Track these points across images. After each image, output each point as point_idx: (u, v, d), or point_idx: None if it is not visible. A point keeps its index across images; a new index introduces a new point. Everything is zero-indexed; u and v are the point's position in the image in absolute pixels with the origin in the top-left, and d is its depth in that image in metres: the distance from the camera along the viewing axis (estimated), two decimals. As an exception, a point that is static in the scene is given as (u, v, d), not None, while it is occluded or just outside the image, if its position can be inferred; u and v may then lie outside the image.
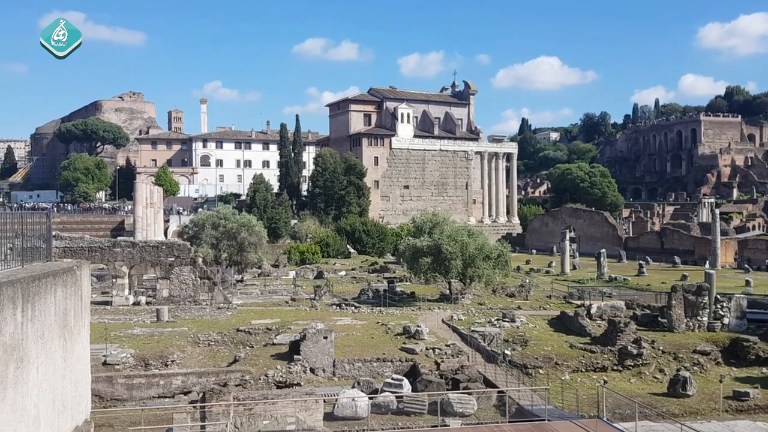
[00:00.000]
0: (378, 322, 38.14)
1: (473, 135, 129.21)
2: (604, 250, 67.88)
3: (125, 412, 24.17)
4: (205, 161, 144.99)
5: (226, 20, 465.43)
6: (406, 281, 58.66)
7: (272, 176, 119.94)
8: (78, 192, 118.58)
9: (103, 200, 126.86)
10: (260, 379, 28.11)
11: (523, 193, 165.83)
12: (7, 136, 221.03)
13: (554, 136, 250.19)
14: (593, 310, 40.53)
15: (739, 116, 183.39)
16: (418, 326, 35.23)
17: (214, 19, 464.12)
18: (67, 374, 12.84)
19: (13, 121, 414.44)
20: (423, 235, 50.23)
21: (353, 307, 44.36)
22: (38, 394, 10.98)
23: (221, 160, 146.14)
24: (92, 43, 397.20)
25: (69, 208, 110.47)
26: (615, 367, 31.70)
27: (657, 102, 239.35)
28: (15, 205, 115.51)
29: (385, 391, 26.17)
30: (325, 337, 30.19)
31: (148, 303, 44.83)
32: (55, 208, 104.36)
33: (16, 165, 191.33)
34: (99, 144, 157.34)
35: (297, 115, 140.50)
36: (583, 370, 31.55)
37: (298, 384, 27.75)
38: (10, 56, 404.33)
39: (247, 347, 32.96)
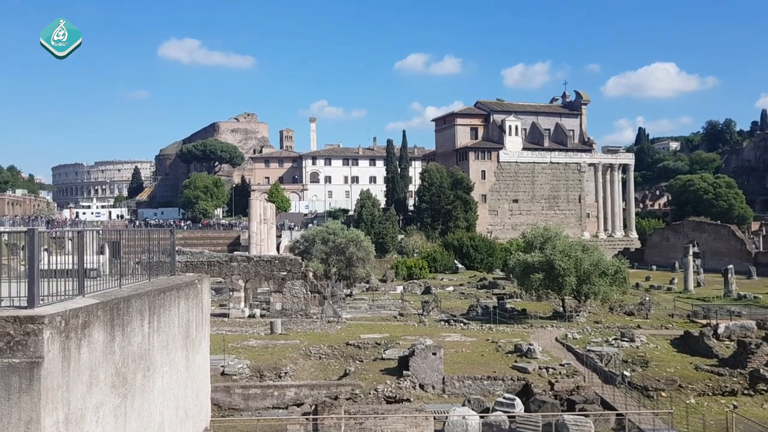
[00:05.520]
0: (488, 340, 37.40)
1: (586, 146, 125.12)
2: (731, 266, 63.40)
3: (242, 422, 24.95)
4: (314, 178, 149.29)
5: (329, 40, 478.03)
6: (517, 298, 57.28)
7: (379, 192, 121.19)
8: (198, 209, 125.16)
9: (221, 217, 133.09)
10: (370, 394, 28.21)
11: (641, 206, 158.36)
12: (134, 158, 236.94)
13: (674, 145, 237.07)
14: (720, 330, 37.89)
15: None
16: (530, 344, 34.22)
17: (317, 40, 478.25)
18: (189, 383, 13.34)
19: (139, 143, 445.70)
20: (534, 250, 48.90)
21: (462, 324, 43.80)
22: (163, 402, 11.45)
23: (330, 177, 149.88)
24: (209, 69, 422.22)
25: (190, 224, 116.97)
26: (746, 392, 29.33)
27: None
28: (141, 222, 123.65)
29: (497, 410, 25.48)
30: (434, 353, 29.88)
31: (262, 315, 46.42)
32: (178, 225, 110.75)
33: (143, 184, 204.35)
34: (217, 163, 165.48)
35: (404, 131, 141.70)
36: (710, 393, 29.43)
37: (408, 400, 27.62)
38: (132, 84, 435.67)
39: (357, 361, 33.26)
